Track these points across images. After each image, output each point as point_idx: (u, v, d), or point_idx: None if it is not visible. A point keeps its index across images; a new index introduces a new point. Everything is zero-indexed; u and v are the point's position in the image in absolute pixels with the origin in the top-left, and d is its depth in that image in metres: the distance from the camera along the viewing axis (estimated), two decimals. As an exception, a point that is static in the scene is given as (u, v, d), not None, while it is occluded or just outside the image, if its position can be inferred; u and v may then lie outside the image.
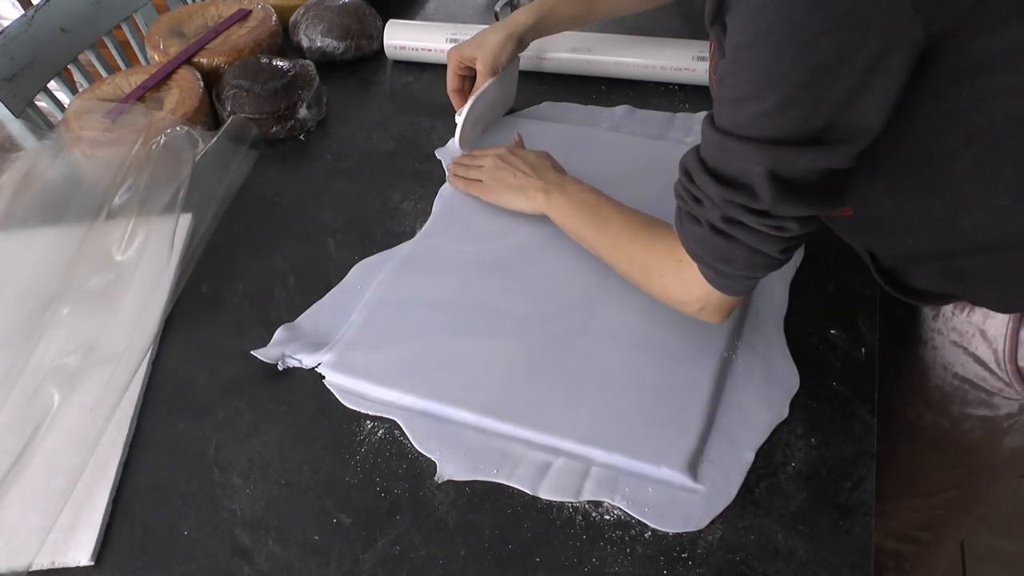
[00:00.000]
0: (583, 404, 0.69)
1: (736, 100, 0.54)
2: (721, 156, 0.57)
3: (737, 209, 0.57)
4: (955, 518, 0.91)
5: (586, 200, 0.78)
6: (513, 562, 0.61)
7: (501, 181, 0.86)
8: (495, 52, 0.92)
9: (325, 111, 1.07)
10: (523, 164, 0.85)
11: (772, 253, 0.59)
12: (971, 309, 0.70)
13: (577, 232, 0.79)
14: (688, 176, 0.61)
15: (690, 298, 0.67)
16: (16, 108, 1.10)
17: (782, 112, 0.52)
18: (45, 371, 0.75)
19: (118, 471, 0.68)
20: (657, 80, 1.05)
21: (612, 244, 0.75)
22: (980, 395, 0.74)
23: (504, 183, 0.85)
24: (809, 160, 0.54)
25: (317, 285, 0.83)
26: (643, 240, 0.71)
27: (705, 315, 0.68)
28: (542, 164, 0.85)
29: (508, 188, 0.85)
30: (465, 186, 0.90)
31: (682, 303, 0.68)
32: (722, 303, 0.66)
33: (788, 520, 0.61)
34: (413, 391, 0.71)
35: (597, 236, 0.76)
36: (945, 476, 0.85)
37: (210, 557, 0.63)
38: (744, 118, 0.54)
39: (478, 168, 0.88)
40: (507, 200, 0.86)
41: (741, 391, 0.69)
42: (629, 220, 0.74)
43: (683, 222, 0.63)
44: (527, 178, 0.84)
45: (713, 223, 0.60)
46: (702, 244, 0.62)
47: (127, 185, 0.91)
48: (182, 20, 1.16)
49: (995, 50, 0.51)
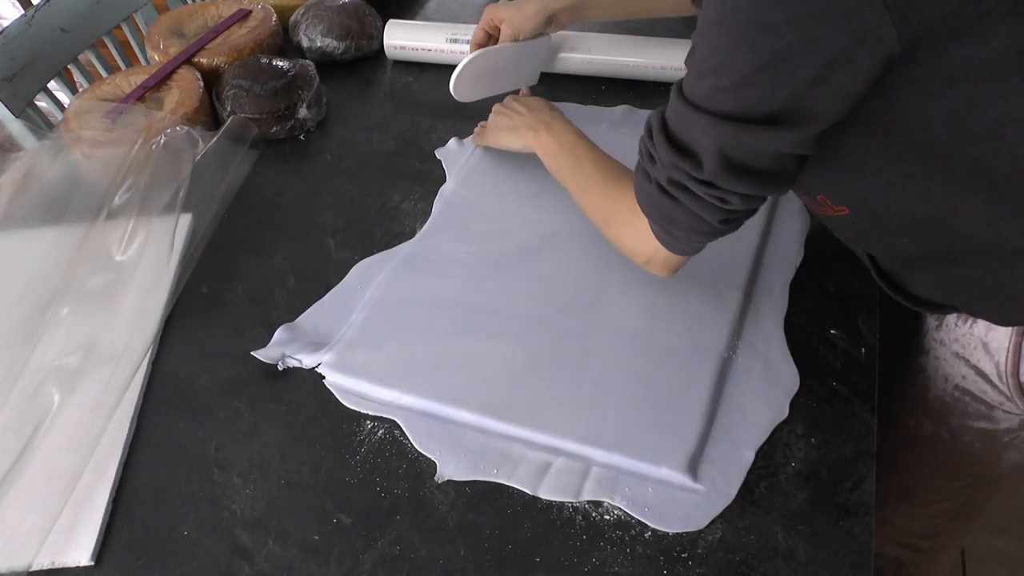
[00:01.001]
0: (583, 404, 0.69)
1: (699, 72, 0.56)
2: (678, 122, 0.59)
3: (682, 174, 0.59)
4: (954, 528, 0.91)
5: (568, 141, 0.81)
6: (513, 562, 0.61)
7: (498, 125, 0.91)
8: (523, 18, 0.94)
9: (325, 111, 1.07)
10: (520, 106, 0.90)
11: (712, 221, 0.61)
12: (974, 321, 0.70)
13: (556, 172, 0.82)
14: (649, 134, 0.62)
15: (639, 250, 0.70)
16: (16, 108, 1.10)
17: (738, 90, 0.53)
18: (45, 371, 0.75)
19: (118, 471, 0.68)
20: (657, 80, 1.05)
21: (582, 187, 0.78)
22: (980, 408, 0.74)
23: (500, 126, 0.91)
24: (758, 139, 0.55)
25: (317, 285, 0.83)
26: (609, 188, 0.74)
27: (652, 268, 0.70)
28: (538, 105, 0.89)
29: (502, 129, 0.90)
30: (476, 139, 0.96)
31: (632, 253, 0.71)
32: (668, 260, 0.68)
33: (788, 520, 0.61)
34: (413, 391, 0.71)
35: (571, 178, 0.80)
36: (944, 487, 0.85)
37: (210, 557, 0.63)
38: (703, 90, 0.55)
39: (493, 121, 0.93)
40: (502, 140, 0.91)
41: (741, 391, 0.69)
42: (601, 166, 0.77)
43: (638, 177, 0.66)
44: (520, 118, 0.88)
45: (661, 183, 0.62)
46: (650, 201, 0.64)
47: (127, 185, 0.91)
48: (182, 20, 1.16)
49: (982, 56, 0.51)
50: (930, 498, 0.87)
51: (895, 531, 0.93)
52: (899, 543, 0.95)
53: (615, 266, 0.80)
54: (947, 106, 0.54)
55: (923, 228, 0.63)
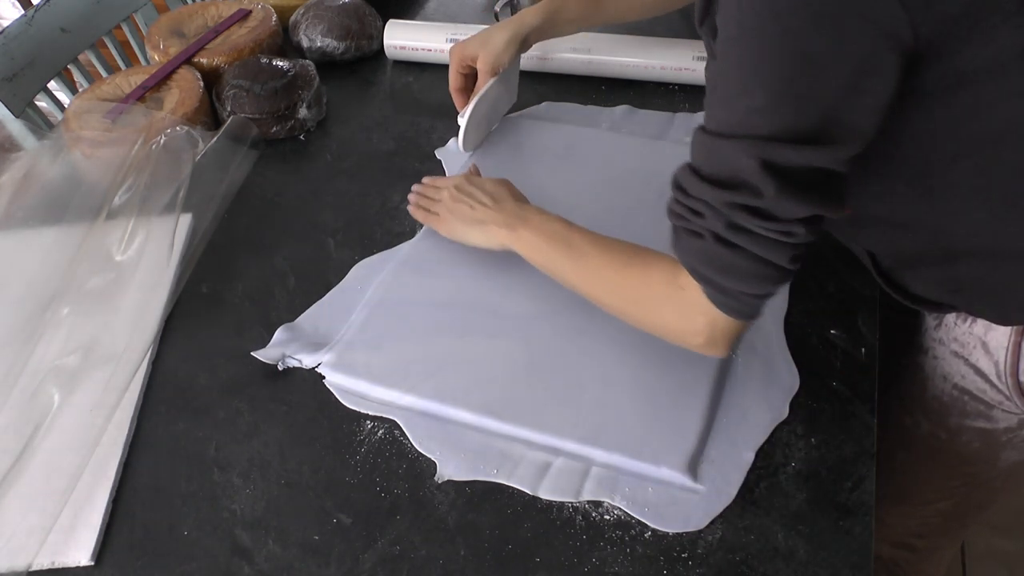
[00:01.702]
0: (583, 404, 0.69)
1: (726, 99, 0.54)
2: (715, 159, 0.55)
3: (741, 212, 0.54)
4: (950, 528, 0.91)
5: (556, 231, 0.72)
6: (513, 562, 0.61)
7: (458, 214, 0.79)
8: (498, 52, 0.91)
9: (325, 111, 1.07)
10: (481, 194, 0.79)
11: (780, 262, 0.56)
12: (973, 320, 0.70)
13: (550, 267, 0.73)
14: (682, 190, 0.58)
15: (694, 327, 0.62)
16: (16, 108, 1.10)
17: (773, 108, 0.51)
18: (45, 371, 0.75)
19: (118, 471, 0.68)
20: (657, 80, 1.05)
21: (594, 277, 0.70)
22: (979, 407, 0.74)
23: (461, 216, 0.79)
24: (803, 158, 0.52)
25: (317, 285, 0.83)
26: (633, 269, 0.66)
27: (711, 346, 0.63)
28: (501, 193, 0.79)
29: (466, 222, 0.79)
30: (424, 217, 0.84)
31: (684, 334, 0.63)
32: (728, 330, 0.61)
33: (788, 520, 0.61)
34: (413, 391, 0.71)
35: (574, 269, 0.71)
36: (941, 486, 0.85)
37: (210, 557, 0.63)
38: (736, 116, 0.53)
39: (435, 201, 0.83)
40: (466, 235, 0.79)
41: (741, 391, 0.69)
42: (611, 249, 0.69)
43: (681, 240, 0.60)
44: (486, 211, 0.77)
45: (716, 232, 0.56)
46: (705, 259, 0.58)
47: (127, 185, 0.91)
48: (182, 20, 1.16)
49: (987, 56, 0.51)
50: (926, 497, 0.87)
51: (890, 531, 0.93)
52: (894, 543, 0.95)
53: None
54: (951, 112, 0.54)
55: (923, 228, 0.63)
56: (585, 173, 0.92)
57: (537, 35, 0.94)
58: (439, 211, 0.82)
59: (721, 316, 0.60)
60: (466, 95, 0.95)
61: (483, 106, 0.93)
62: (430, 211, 0.84)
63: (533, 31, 0.93)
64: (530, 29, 0.92)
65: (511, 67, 0.95)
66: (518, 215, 0.76)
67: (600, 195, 0.89)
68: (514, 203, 0.78)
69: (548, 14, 0.93)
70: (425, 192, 0.86)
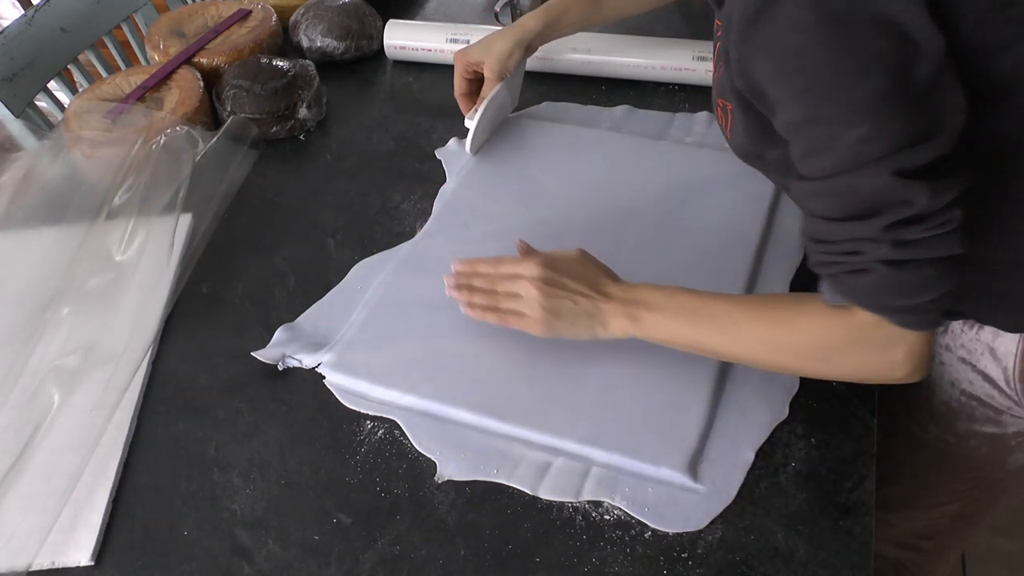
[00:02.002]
0: (583, 404, 0.69)
1: (824, 144, 0.52)
2: (843, 198, 0.53)
3: (900, 229, 0.52)
4: (957, 529, 0.91)
5: (684, 305, 0.65)
6: (513, 562, 0.61)
7: (557, 312, 0.68)
8: (503, 59, 0.91)
9: (325, 111, 1.07)
10: (573, 282, 0.68)
11: (955, 250, 0.53)
12: (980, 327, 0.69)
13: (691, 344, 0.66)
14: (823, 241, 0.55)
15: (893, 360, 0.58)
16: (16, 108, 1.10)
17: (882, 131, 0.50)
18: (45, 371, 0.75)
19: (118, 471, 0.68)
20: (657, 80, 1.05)
21: (753, 343, 0.63)
22: (988, 413, 0.73)
23: (563, 313, 0.68)
24: (931, 152, 0.50)
25: (317, 285, 0.83)
26: (796, 324, 0.61)
27: (915, 372, 0.59)
28: (592, 273, 0.69)
29: (571, 319, 0.68)
30: (500, 320, 0.71)
31: (884, 370, 0.59)
32: (925, 348, 0.58)
33: (788, 520, 0.61)
34: (413, 391, 0.71)
35: (726, 341, 0.64)
36: (948, 489, 0.85)
37: (210, 557, 0.63)
38: (844, 153, 0.51)
39: (511, 296, 0.70)
40: (573, 332, 0.69)
41: (741, 391, 0.69)
42: (755, 307, 0.64)
43: (846, 284, 0.56)
44: (591, 301, 0.67)
45: (885, 259, 0.53)
46: (883, 289, 0.54)
47: (127, 185, 0.91)
48: (182, 20, 1.16)
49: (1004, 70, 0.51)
50: (933, 500, 0.87)
51: (896, 532, 0.93)
52: (900, 544, 0.94)
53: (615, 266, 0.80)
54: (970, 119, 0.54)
55: None
56: (585, 173, 0.92)
57: (540, 39, 0.95)
58: (527, 311, 0.69)
59: (917, 338, 0.57)
60: (471, 100, 0.95)
61: (490, 110, 0.93)
62: (505, 310, 0.70)
63: (536, 36, 0.93)
64: (533, 34, 0.93)
65: (516, 73, 0.96)
66: (630, 299, 0.67)
67: (600, 195, 0.89)
68: (614, 283, 0.69)
69: (550, 18, 0.94)
70: (485, 287, 0.72)
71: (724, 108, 0.65)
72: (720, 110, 0.67)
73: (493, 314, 0.71)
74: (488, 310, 0.71)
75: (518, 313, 0.69)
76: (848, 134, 0.50)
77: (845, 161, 0.51)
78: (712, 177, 0.88)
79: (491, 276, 0.72)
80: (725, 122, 0.67)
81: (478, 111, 0.91)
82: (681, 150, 0.94)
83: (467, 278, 0.72)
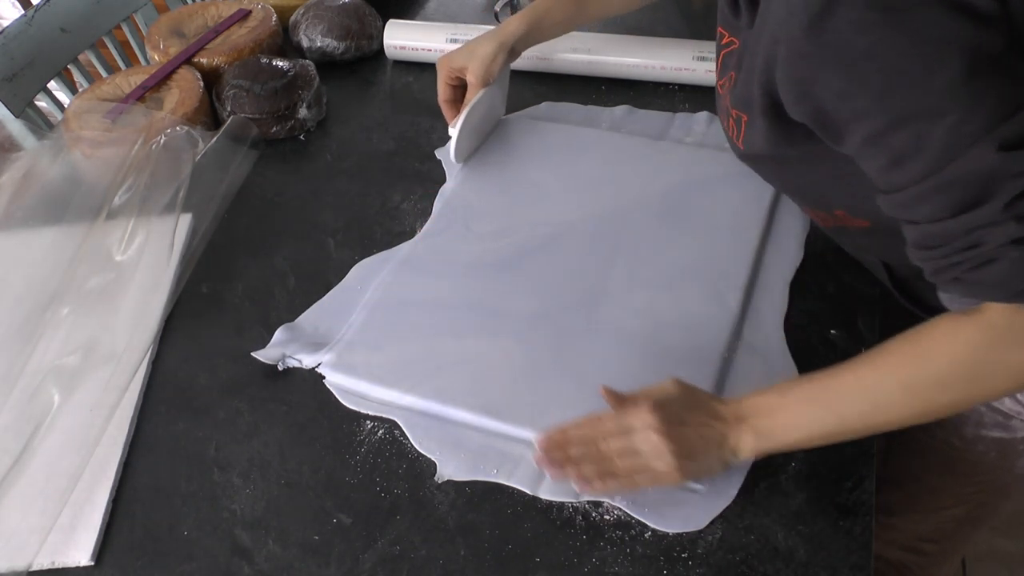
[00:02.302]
0: (583, 404, 0.69)
1: (916, 143, 0.49)
2: (950, 194, 0.50)
3: (1021, 202, 0.48)
4: (962, 533, 0.90)
5: (805, 394, 0.59)
6: (513, 562, 0.61)
7: (690, 455, 0.60)
8: (486, 63, 0.89)
9: (325, 111, 1.07)
10: (689, 416, 0.61)
11: None
12: None
13: (830, 430, 0.59)
14: (939, 246, 0.52)
15: None
16: (16, 108, 1.10)
17: (977, 113, 0.47)
18: (45, 371, 0.75)
19: (118, 471, 0.68)
20: (657, 80, 1.05)
21: (899, 391, 0.56)
22: (996, 417, 0.73)
23: (695, 454, 0.60)
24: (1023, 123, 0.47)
25: (317, 285, 0.83)
26: (937, 349, 0.55)
27: None
28: (700, 400, 0.62)
29: (704, 456, 0.60)
30: (625, 484, 0.62)
31: None
32: None
33: (788, 520, 0.61)
34: (413, 391, 0.71)
35: (867, 407, 0.58)
36: (954, 493, 0.85)
37: (210, 557, 0.63)
38: (939, 148, 0.48)
39: (627, 453, 0.61)
40: (709, 468, 0.62)
41: (741, 391, 0.69)
42: (886, 358, 0.57)
43: (972, 281, 0.52)
44: (713, 429, 0.61)
45: (1012, 239, 0.49)
46: (1017, 272, 0.50)
47: (127, 185, 0.91)
48: (182, 20, 1.16)
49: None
50: (939, 504, 0.87)
51: (901, 535, 0.93)
52: (905, 547, 0.94)
53: (615, 266, 0.80)
54: None
55: None
56: (585, 173, 0.92)
57: (524, 43, 0.92)
58: (656, 464, 0.60)
59: None
60: (455, 107, 0.93)
61: (474, 117, 0.91)
62: (627, 471, 0.61)
63: (519, 39, 0.91)
64: (515, 38, 0.90)
65: (500, 77, 0.94)
66: (745, 412, 0.60)
67: (600, 195, 0.89)
68: (721, 402, 0.62)
69: (533, 21, 0.91)
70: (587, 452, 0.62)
71: (738, 119, 0.64)
72: (732, 121, 0.65)
73: (614, 480, 0.61)
74: (605, 477, 0.61)
75: (646, 470, 0.60)
76: (938, 126, 0.48)
77: (942, 155, 0.49)
78: (712, 177, 0.88)
79: (590, 438, 0.62)
80: (737, 133, 0.65)
81: (461, 118, 0.89)
82: (681, 150, 0.94)
83: (561, 449, 0.62)
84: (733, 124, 0.65)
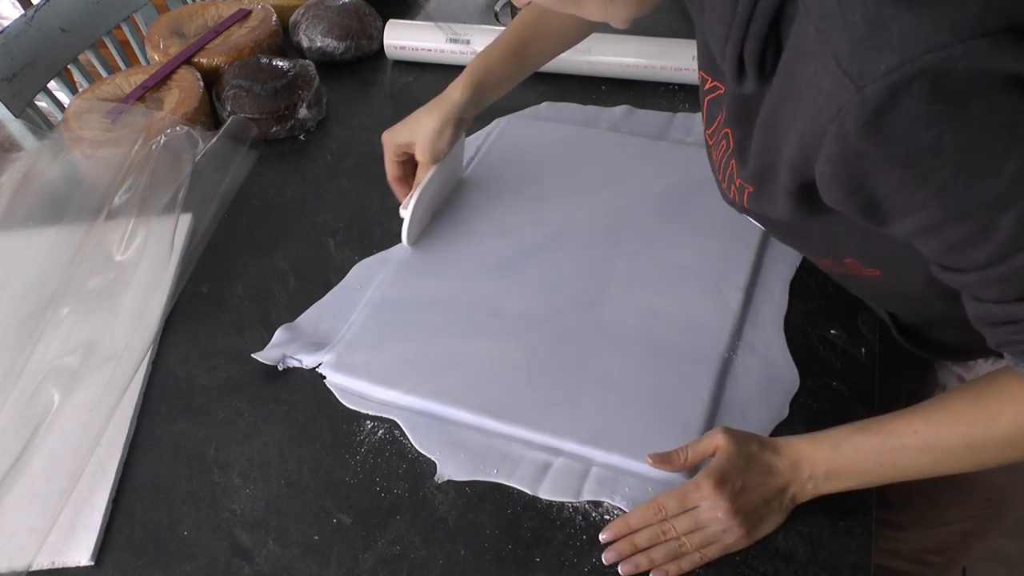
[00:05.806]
0: (583, 404, 0.69)
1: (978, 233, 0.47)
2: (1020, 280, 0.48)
3: None
4: (967, 544, 0.90)
5: (860, 447, 0.59)
6: (513, 562, 0.61)
7: (759, 521, 0.61)
8: (433, 140, 0.82)
9: (325, 111, 1.07)
10: (749, 480, 0.60)
11: None
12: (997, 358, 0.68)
13: (888, 478, 0.60)
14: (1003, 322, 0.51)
15: None
16: (16, 108, 1.10)
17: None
18: (45, 371, 0.75)
19: (118, 471, 0.68)
20: (657, 80, 1.05)
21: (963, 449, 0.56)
22: None
23: (762, 519, 0.61)
24: None
25: (317, 285, 0.83)
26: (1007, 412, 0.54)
27: None
28: (752, 455, 0.61)
29: (769, 517, 0.61)
30: (698, 560, 0.60)
31: None
32: None
33: (788, 520, 0.61)
34: (413, 391, 0.71)
35: (928, 462, 0.58)
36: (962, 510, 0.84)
37: (210, 557, 0.63)
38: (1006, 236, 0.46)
39: (695, 531, 0.60)
40: (774, 523, 0.62)
41: (741, 391, 0.69)
42: (951, 414, 0.57)
43: None
44: (772, 490, 0.61)
45: None
46: None
47: (127, 185, 0.91)
48: (182, 20, 1.16)
49: None
50: (945, 519, 0.86)
51: (907, 548, 0.92)
52: (910, 559, 0.94)
53: (616, 266, 0.80)
54: None
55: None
56: (585, 173, 0.92)
57: (471, 110, 0.84)
58: (727, 538, 0.60)
59: None
60: (406, 184, 0.86)
61: (427, 196, 0.84)
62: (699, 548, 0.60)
63: (465, 108, 0.83)
64: (461, 108, 0.83)
65: (453, 149, 0.86)
66: (797, 464, 0.60)
67: (600, 195, 0.89)
68: (771, 452, 0.61)
69: (475, 86, 0.83)
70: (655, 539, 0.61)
71: (741, 188, 0.61)
72: (735, 188, 0.62)
73: (687, 560, 0.60)
74: (678, 559, 0.60)
75: (716, 541, 0.60)
76: (1004, 217, 0.45)
77: (1008, 245, 0.46)
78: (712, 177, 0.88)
79: (654, 524, 0.61)
80: (739, 197, 0.62)
81: (412, 199, 0.82)
82: (681, 150, 0.94)
83: (630, 544, 0.61)
84: (736, 191, 0.62)
